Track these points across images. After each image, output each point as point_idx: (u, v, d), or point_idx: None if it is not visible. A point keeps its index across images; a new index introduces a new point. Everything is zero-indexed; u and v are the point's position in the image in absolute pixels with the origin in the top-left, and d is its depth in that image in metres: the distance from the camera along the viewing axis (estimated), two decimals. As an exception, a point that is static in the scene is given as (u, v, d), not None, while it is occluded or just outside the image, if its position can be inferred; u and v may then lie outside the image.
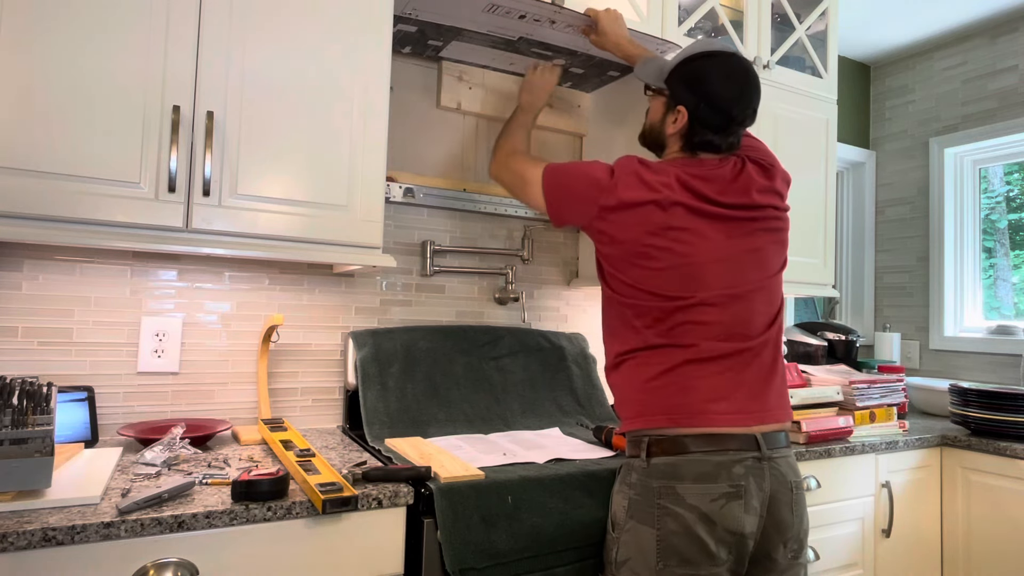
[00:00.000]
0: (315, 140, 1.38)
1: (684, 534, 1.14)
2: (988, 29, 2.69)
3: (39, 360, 1.42)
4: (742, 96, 1.30)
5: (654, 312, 1.23)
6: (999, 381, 2.57)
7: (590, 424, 1.78)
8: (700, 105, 1.30)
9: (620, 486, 1.24)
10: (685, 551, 1.13)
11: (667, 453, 1.17)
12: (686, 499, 1.15)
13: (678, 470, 1.16)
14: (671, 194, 1.24)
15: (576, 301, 2.13)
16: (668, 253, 1.22)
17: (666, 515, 1.15)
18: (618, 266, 1.26)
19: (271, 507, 1.04)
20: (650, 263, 1.23)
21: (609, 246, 1.26)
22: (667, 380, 1.21)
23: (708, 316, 1.22)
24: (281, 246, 1.35)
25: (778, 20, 2.16)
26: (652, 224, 1.23)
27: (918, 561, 1.97)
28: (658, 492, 1.16)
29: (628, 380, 1.25)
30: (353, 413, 1.67)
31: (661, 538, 1.14)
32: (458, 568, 1.13)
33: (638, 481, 1.19)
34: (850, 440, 1.82)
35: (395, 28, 1.68)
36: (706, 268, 1.23)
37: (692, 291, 1.22)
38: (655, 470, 1.18)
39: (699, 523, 1.14)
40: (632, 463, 1.22)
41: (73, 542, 0.91)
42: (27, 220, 1.14)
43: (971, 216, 2.81)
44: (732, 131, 1.32)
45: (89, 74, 1.18)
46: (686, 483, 1.15)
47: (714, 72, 1.30)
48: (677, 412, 1.19)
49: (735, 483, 1.15)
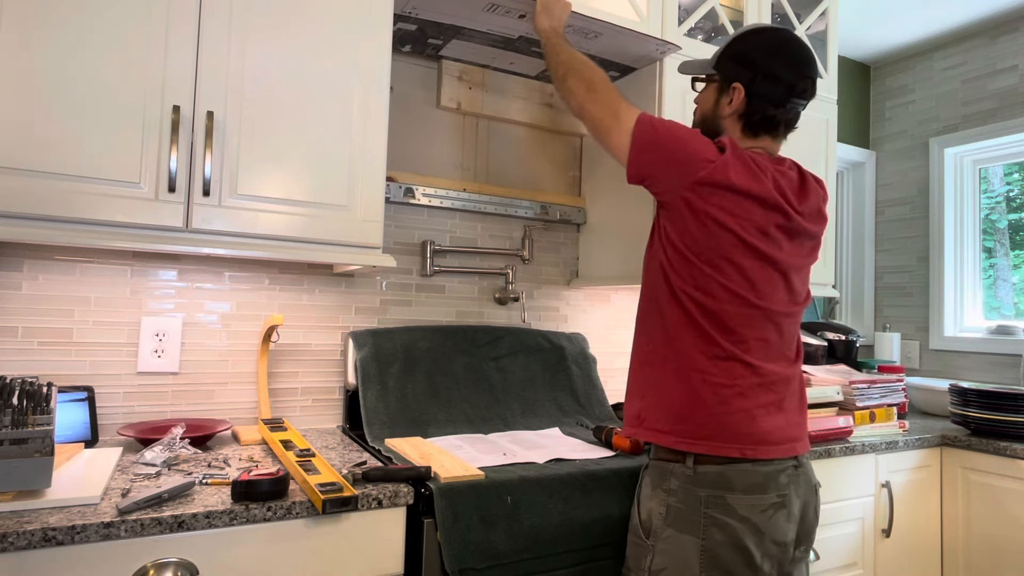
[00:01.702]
0: (315, 140, 1.38)
1: (731, 545, 1.10)
2: (988, 29, 2.69)
3: (39, 360, 1.41)
4: (800, 64, 1.24)
5: (730, 317, 1.15)
6: (999, 381, 2.57)
7: (590, 424, 1.78)
8: (756, 78, 1.23)
9: (654, 491, 1.17)
10: (729, 562, 1.10)
11: (716, 463, 1.13)
12: (737, 510, 1.11)
13: (728, 480, 1.12)
14: (774, 195, 1.16)
15: (576, 301, 2.13)
16: (756, 256, 1.15)
17: (713, 525, 1.11)
18: (698, 250, 1.15)
19: (271, 507, 1.04)
20: (740, 259, 1.14)
21: (694, 224, 1.15)
22: (738, 406, 1.14)
23: (770, 334, 1.18)
24: (281, 246, 1.34)
25: (778, 20, 2.16)
26: (752, 220, 1.15)
27: (918, 561, 1.97)
28: (705, 501, 1.12)
29: (682, 389, 1.16)
30: (353, 413, 1.67)
31: (706, 548, 1.10)
32: (457, 568, 1.13)
33: (680, 488, 1.14)
34: (850, 440, 1.82)
35: (395, 27, 1.68)
36: (777, 281, 1.18)
37: (766, 302, 1.16)
38: (702, 479, 1.13)
39: (748, 534, 1.11)
40: (671, 468, 1.16)
41: (73, 542, 0.91)
42: (27, 220, 1.14)
43: (971, 216, 2.81)
44: (792, 105, 1.25)
45: (89, 74, 1.18)
46: (736, 493, 1.12)
47: (766, 45, 1.25)
48: (744, 442, 1.13)
49: (781, 492, 1.14)
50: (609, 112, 1.25)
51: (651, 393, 1.20)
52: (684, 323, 1.17)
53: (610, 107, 1.26)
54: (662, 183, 1.19)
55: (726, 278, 1.15)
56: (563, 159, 2.13)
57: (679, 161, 1.16)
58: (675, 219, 1.18)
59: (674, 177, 1.17)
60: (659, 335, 1.20)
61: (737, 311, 1.15)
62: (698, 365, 1.15)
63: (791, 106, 1.25)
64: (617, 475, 1.32)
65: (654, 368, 1.20)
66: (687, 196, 1.15)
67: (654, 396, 1.19)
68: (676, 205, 1.17)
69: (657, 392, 1.19)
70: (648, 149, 1.19)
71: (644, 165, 1.20)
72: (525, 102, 2.01)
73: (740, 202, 1.15)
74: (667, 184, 1.18)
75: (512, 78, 1.99)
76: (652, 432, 1.18)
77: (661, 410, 1.18)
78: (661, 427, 1.17)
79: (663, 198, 1.20)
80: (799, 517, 1.18)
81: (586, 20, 1.61)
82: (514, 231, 2.03)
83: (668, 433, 1.16)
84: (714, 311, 1.15)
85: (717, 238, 1.14)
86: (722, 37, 2.02)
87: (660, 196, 1.21)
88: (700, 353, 1.15)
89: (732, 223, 1.14)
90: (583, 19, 1.61)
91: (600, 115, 1.27)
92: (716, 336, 1.15)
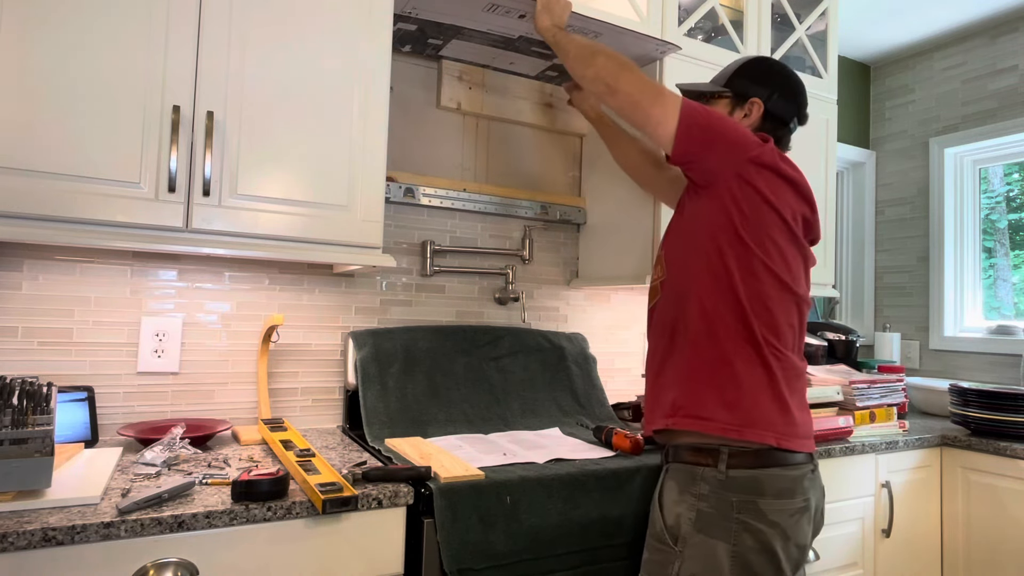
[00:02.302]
0: (315, 140, 1.38)
1: (761, 551, 1.10)
2: (988, 29, 2.69)
3: (39, 360, 1.41)
4: (803, 92, 1.35)
5: (770, 299, 1.17)
6: (999, 381, 2.57)
7: (590, 424, 1.78)
8: (773, 95, 1.30)
9: (682, 495, 1.15)
10: (759, 568, 1.10)
11: (748, 466, 1.12)
12: (767, 515, 1.11)
13: (760, 485, 1.12)
14: (807, 185, 1.23)
15: (576, 301, 2.13)
16: (792, 239, 1.20)
17: (745, 531, 1.10)
18: (748, 228, 1.17)
19: (271, 507, 1.04)
20: (781, 239, 1.18)
21: (745, 202, 1.17)
22: (774, 394, 1.15)
23: (794, 320, 1.21)
24: (281, 246, 1.34)
25: (778, 20, 2.16)
26: (789, 205, 1.20)
27: (918, 561, 1.97)
28: (737, 507, 1.11)
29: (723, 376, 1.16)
30: (353, 413, 1.67)
31: (736, 554, 1.10)
32: (456, 569, 1.13)
33: (712, 493, 1.13)
34: (850, 440, 1.82)
35: (395, 27, 1.68)
36: (802, 267, 1.23)
37: (797, 286, 1.20)
38: (734, 483, 1.12)
39: (777, 539, 1.11)
40: (700, 472, 1.15)
41: (73, 542, 0.91)
42: (27, 220, 1.14)
43: (971, 216, 2.81)
44: (793, 127, 1.33)
45: (89, 74, 1.18)
46: (767, 498, 1.11)
47: (780, 70, 1.35)
48: (778, 430, 1.14)
49: (805, 496, 1.15)
50: (650, 90, 1.23)
51: (690, 381, 1.19)
52: (728, 309, 1.17)
53: (650, 86, 1.24)
54: (712, 162, 1.19)
55: (769, 258, 1.17)
56: (563, 159, 2.13)
57: (731, 141, 1.19)
58: (722, 198, 1.19)
59: (726, 156, 1.18)
60: (697, 323, 1.19)
61: (777, 295, 1.18)
62: (739, 352, 1.16)
63: (792, 128, 1.34)
64: (617, 475, 1.32)
65: (690, 356, 1.19)
66: (741, 173, 1.18)
67: (693, 384, 1.18)
68: (725, 184, 1.19)
69: (697, 380, 1.18)
70: (700, 128, 1.20)
71: (695, 144, 1.20)
72: (525, 102, 2.01)
73: (781, 186, 1.20)
74: (718, 163, 1.19)
75: (512, 78, 1.99)
76: (693, 420, 1.17)
77: (701, 397, 1.17)
78: (703, 414, 1.16)
79: (708, 178, 1.21)
80: (815, 520, 1.20)
81: (586, 20, 1.61)
82: (514, 231, 2.03)
83: (709, 420, 1.15)
84: (757, 293, 1.17)
85: (764, 216, 1.18)
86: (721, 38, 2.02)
87: (705, 176, 1.21)
88: (741, 339, 1.17)
89: (775, 202, 1.18)
90: (583, 19, 1.60)
91: (638, 93, 1.24)
92: (757, 323, 1.16)
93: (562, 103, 2.07)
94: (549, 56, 1.83)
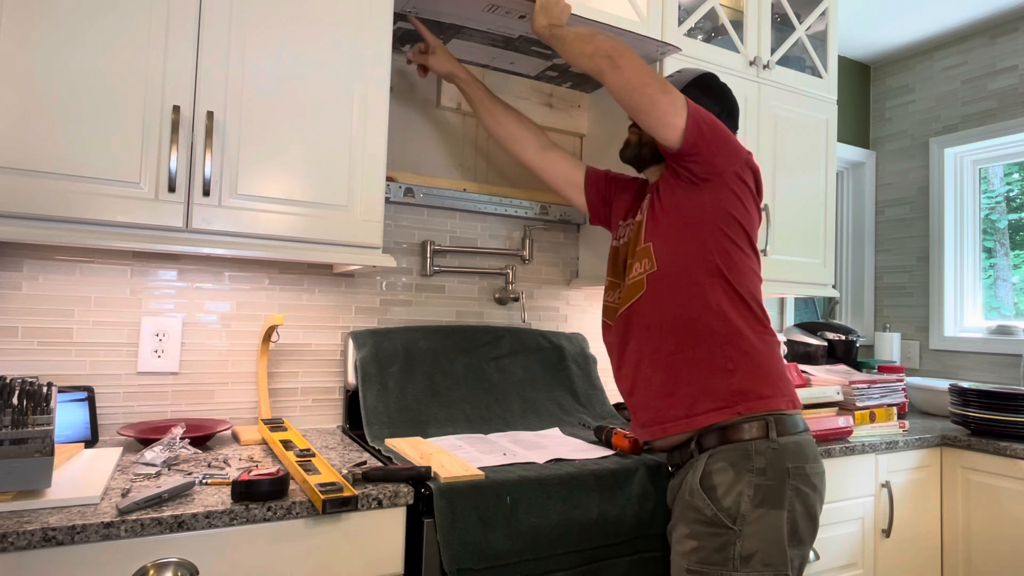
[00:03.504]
0: (315, 140, 1.38)
1: (807, 515, 1.16)
2: (988, 29, 2.69)
3: (39, 360, 1.42)
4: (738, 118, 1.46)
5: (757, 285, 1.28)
6: (999, 381, 2.57)
7: (592, 423, 1.78)
8: (723, 114, 1.40)
9: (740, 475, 1.15)
10: (805, 533, 1.16)
11: (788, 433, 1.18)
12: (811, 478, 1.17)
13: (803, 450, 1.18)
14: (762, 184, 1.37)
15: (576, 301, 2.13)
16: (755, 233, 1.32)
17: (796, 497, 1.15)
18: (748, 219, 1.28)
19: (271, 507, 1.04)
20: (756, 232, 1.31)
21: (746, 195, 1.28)
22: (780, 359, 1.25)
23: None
24: (281, 246, 1.35)
25: (778, 20, 2.16)
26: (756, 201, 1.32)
27: (918, 561, 1.97)
28: (792, 473, 1.15)
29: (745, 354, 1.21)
30: (353, 413, 1.67)
31: (790, 519, 1.14)
32: (455, 569, 1.13)
33: (768, 465, 1.15)
34: (850, 440, 1.82)
35: (395, 26, 1.68)
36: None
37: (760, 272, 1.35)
38: (787, 451, 1.16)
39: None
40: (754, 446, 1.17)
41: (73, 542, 0.91)
42: (27, 220, 1.14)
43: (971, 216, 2.81)
44: None
45: (89, 74, 1.18)
46: (811, 462, 1.18)
47: (728, 89, 1.44)
48: (792, 395, 1.24)
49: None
50: (657, 77, 1.25)
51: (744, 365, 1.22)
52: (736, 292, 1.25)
53: (655, 73, 1.26)
54: (719, 159, 1.25)
55: (752, 247, 1.29)
56: (563, 159, 2.12)
57: (732, 141, 1.27)
58: (721, 191, 1.26)
59: (729, 155, 1.26)
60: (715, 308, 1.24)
61: (758, 282, 1.30)
62: (754, 330, 1.24)
63: None
64: (617, 475, 1.32)
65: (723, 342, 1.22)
66: (738, 171, 1.26)
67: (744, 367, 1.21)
68: (726, 178, 1.26)
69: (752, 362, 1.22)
70: (709, 126, 1.24)
71: (705, 139, 1.23)
72: (525, 102, 2.01)
73: (755, 185, 1.32)
74: (723, 160, 1.25)
75: (512, 78, 1.99)
76: (759, 401, 1.20)
77: (763, 378, 1.22)
78: (767, 393, 1.21)
79: (710, 172, 1.26)
80: None
81: (586, 22, 1.61)
82: (514, 231, 2.03)
83: (770, 398, 1.20)
84: (751, 280, 1.27)
85: (748, 207, 1.28)
86: (721, 38, 2.02)
87: (707, 171, 1.25)
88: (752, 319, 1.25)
89: (754, 198, 1.31)
90: (583, 20, 1.60)
91: (646, 76, 1.24)
92: (753, 303, 1.26)
93: (562, 103, 2.07)
94: (549, 56, 1.83)
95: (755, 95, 1.99)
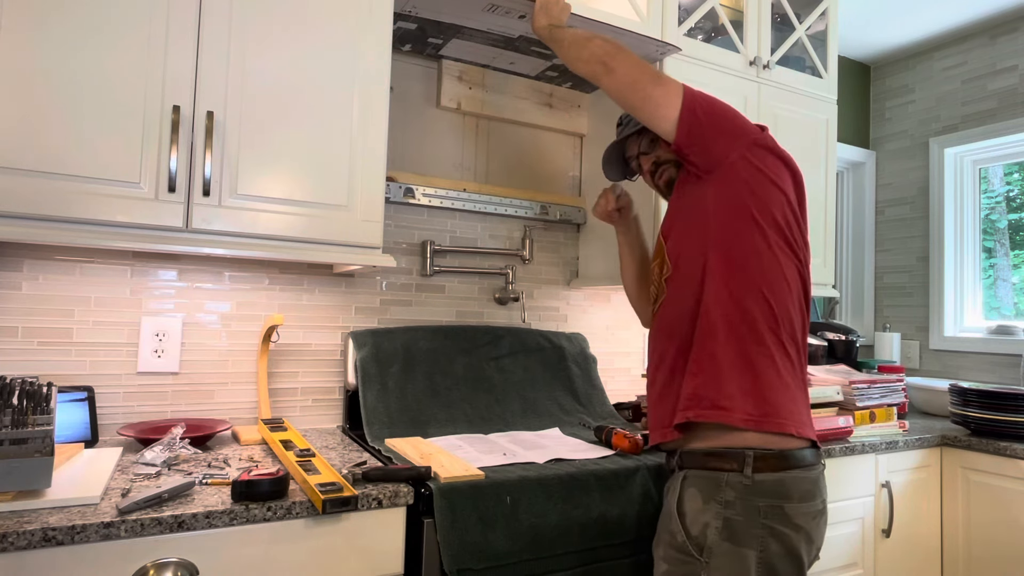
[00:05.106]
0: (315, 140, 1.38)
1: (787, 556, 1.08)
2: (988, 29, 2.69)
3: (39, 360, 1.41)
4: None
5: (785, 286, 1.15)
6: (999, 381, 2.57)
7: (592, 423, 1.78)
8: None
9: (707, 504, 1.11)
10: (784, 572, 1.09)
11: (773, 469, 1.10)
12: (793, 519, 1.09)
13: (786, 488, 1.09)
14: (798, 167, 1.24)
15: (576, 301, 2.13)
16: (795, 217, 1.20)
17: (771, 536, 1.08)
18: (759, 207, 1.16)
19: (271, 507, 1.04)
20: (789, 217, 1.18)
21: (754, 182, 1.17)
22: (785, 382, 1.13)
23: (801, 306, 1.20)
24: (281, 246, 1.34)
25: (778, 20, 2.16)
26: (787, 185, 1.20)
27: (918, 561, 1.97)
28: (764, 512, 1.08)
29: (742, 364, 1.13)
30: (353, 413, 1.67)
31: (762, 560, 1.08)
32: (455, 569, 1.13)
33: (737, 500, 1.09)
34: (850, 440, 1.82)
35: (395, 26, 1.68)
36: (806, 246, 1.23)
37: (807, 272, 1.21)
38: (760, 488, 1.09)
39: (802, 542, 1.10)
40: (725, 477, 1.11)
41: (73, 542, 0.91)
42: (27, 220, 1.14)
43: (971, 216, 2.81)
44: None
45: (89, 74, 1.18)
46: (793, 502, 1.09)
47: None
48: (793, 420, 1.12)
49: (823, 498, 1.14)
50: (649, 71, 1.22)
51: (711, 371, 1.14)
52: (746, 295, 1.15)
53: (649, 68, 1.23)
54: (718, 144, 1.18)
55: (782, 239, 1.17)
56: (563, 159, 2.13)
57: (736, 123, 1.19)
58: (731, 183, 1.18)
59: (731, 140, 1.18)
60: (717, 311, 1.16)
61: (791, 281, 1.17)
62: (757, 341, 1.13)
63: None
64: (617, 475, 1.32)
65: (712, 345, 1.15)
66: (746, 155, 1.17)
67: (715, 374, 1.14)
68: (732, 168, 1.17)
69: (719, 369, 1.14)
70: (704, 110, 1.18)
71: (699, 125, 1.18)
72: (525, 102, 2.01)
73: (782, 167, 1.20)
74: (724, 145, 1.18)
75: (512, 78, 1.99)
76: (716, 411, 1.12)
77: (723, 386, 1.13)
78: (725, 404, 1.12)
79: (711, 162, 1.19)
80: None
81: (586, 22, 1.61)
82: (514, 231, 2.03)
83: (731, 410, 1.11)
84: (775, 280, 1.15)
85: (772, 196, 1.17)
86: (721, 38, 2.02)
87: (708, 161, 1.19)
88: (761, 328, 1.14)
89: (780, 183, 1.19)
90: (583, 20, 1.60)
91: (636, 72, 1.22)
92: (774, 309, 1.15)
93: (562, 103, 2.07)
94: (549, 56, 1.83)
95: (755, 95, 1.99)
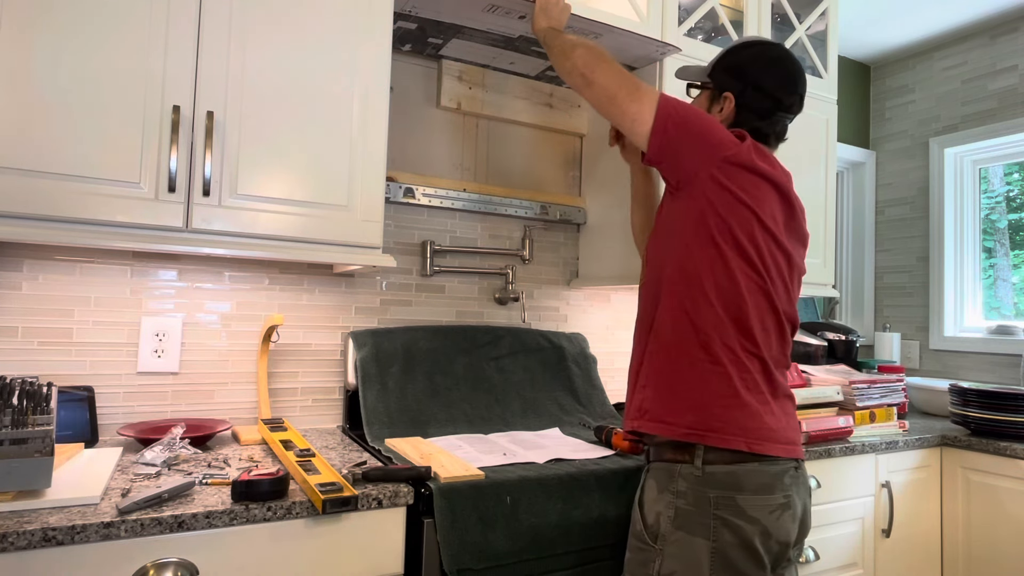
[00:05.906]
0: (315, 140, 1.38)
1: (741, 546, 1.09)
2: (988, 29, 2.69)
3: (39, 360, 1.41)
4: (789, 81, 1.28)
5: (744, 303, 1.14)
6: (999, 381, 2.57)
7: (592, 423, 1.78)
8: (746, 90, 1.28)
9: (661, 494, 1.14)
10: (740, 564, 1.09)
11: (725, 462, 1.11)
12: (746, 511, 1.10)
13: (738, 480, 1.10)
14: (785, 182, 1.20)
15: (576, 301, 2.13)
16: (771, 238, 1.17)
17: (724, 526, 1.09)
18: (721, 228, 1.15)
19: (271, 507, 1.04)
20: (759, 238, 1.16)
21: (718, 201, 1.15)
22: (747, 399, 1.13)
23: (770, 324, 1.18)
24: (281, 246, 1.34)
25: (778, 20, 2.16)
26: (768, 203, 1.18)
27: (918, 561, 1.97)
28: (715, 503, 1.10)
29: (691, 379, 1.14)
30: (353, 413, 1.67)
31: (716, 550, 1.09)
32: (455, 569, 1.13)
33: (689, 490, 1.11)
34: (850, 440, 1.82)
35: (395, 25, 1.68)
36: (783, 269, 1.20)
37: (775, 289, 1.18)
38: (711, 479, 1.11)
39: (757, 535, 1.10)
40: (678, 468, 1.13)
41: (73, 542, 0.91)
42: (27, 220, 1.14)
43: (971, 216, 2.81)
44: (778, 119, 1.29)
45: (89, 74, 1.18)
46: (746, 494, 1.10)
47: (758, 59, 1.30)
48: (750, 436, 1.12)
49: (786, 493, 1.14)
50: (626, 84, 1.21)
51: (657, 383, 1.17)
52: (697, 310, 1.15)
53: (626, 80, 1.22)
54: (687, 161, 1.17)
55: (744, 261, 1.15)
56: (563, 159, 2.13)
57: (707, 140, 1.17)
58: (697, 200, 1.17)
59: (702, 155, 1.16)
60: (668, 324, 1.18)
61: (752, 298, 1.15)
62: (708, 355, 1.14)
63: (776, 119, 1.29)
64: (617, 475, 1.32)
65: (659, 358, 1.18)
66: (714, 173, 1.15)
67: (660, 387, 1.17)
68: (699, 184, 1.16)
69: (664, 382, 1.16)
70: (676, 126, 1.17)
71: (670, 142, 1.17)
72: (525, 102, 2.01)
73: (759, 184, 1.17)
74: (693, 162, 1.16)
75: (512, 78, 1.99)
76: (657, 423, 1.15)
77: (667, 400, 1.15)
78: (668, 418, 1.14)
79: (681, 178, 1.18)
80: (800, 518, 1.18)
81: (586, 22, 1.61)
82: (514, 231, 2.03)
83: (674, 424, 1.14)
84: (730, 297, 1.14)
85: (740, 217, 1.15)
86: (721, 38, 2.02)
87: (678, 176, 1.19)
88: (712, 342, 1.14)
89: (751, 202, 1.16)
90: (583, 20, 1.61)
91: (613, 86, 1.22)
92: (729, 324, 1.14)
93: (562, 103, 2.07)
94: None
95: (755, 95, 1.99)
